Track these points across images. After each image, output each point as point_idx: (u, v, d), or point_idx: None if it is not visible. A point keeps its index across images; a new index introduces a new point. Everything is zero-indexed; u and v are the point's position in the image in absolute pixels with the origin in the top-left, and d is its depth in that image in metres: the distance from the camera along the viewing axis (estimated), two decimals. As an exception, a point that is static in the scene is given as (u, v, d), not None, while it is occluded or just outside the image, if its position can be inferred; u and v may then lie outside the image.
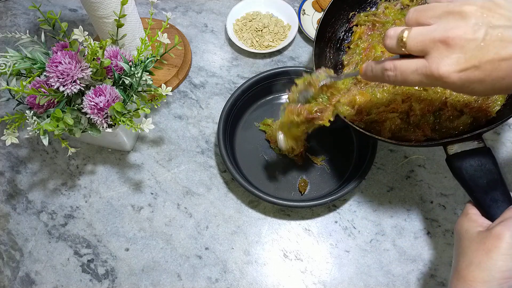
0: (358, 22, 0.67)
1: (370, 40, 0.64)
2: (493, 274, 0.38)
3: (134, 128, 0.55)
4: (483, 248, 0.40)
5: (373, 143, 0.62)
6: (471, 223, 0.44)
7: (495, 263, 0.39)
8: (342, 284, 0.59)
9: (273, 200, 0.59)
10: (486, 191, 0.46)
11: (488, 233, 0.40)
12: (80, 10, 0.88)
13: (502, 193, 0.45)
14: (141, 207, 0.66)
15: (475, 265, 0.40)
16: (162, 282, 0.60)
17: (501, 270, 0.38)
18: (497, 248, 0.39)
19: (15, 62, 0.55)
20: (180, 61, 0.77)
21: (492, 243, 0.39)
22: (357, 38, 0.65)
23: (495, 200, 0.45)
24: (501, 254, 0.38)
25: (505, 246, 0.39)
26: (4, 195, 0.67)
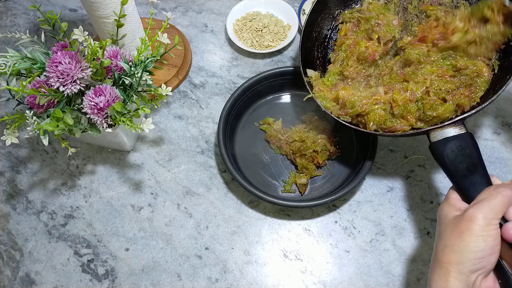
0: (343, 20, 0.67)
1: (355, 37, 0.64)
2: (466, 255, 0.39)
3: (134, 128, 0.55)
4: (457, 231, 0.41)
5: (373, 143, 0.62)
6: (450, 207, 0.45)
7: (467, 244, 0.39)
8: (342, 284, 0.59)
9: (273, 200, 0.59)
10: (465, 176, 0.47)
11: (462, 216, 0.41)
12: (80, 10, 0.88)
13: (481, 176, 0.46)
14: (141, 207, 0.66)
15: (449, 248, 0.41)
16: (162, 282, 0.60)
17: (473, 251, 0.39)
18: (469, 230, 0.39)
19: (15, 62, 0.55)
20: (180, 61, 0.77)
21: (464, 225, 0.40)
22: (343, 35, 0.66)
23: (474, 184, 0.46)
24: (473, 236, 0.39)
25: (477, 228, 0.39)
26: (4, 195, 0.67)
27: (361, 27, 0.64)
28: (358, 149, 0.67)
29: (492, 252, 0.39)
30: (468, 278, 0.39)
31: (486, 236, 0.39)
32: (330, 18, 0.68)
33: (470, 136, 0.49)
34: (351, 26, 0.66)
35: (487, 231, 0.39)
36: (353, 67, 0.63)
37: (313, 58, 0.67)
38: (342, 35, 0.66)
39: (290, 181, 0.65)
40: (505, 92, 0.74)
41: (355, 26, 0.65)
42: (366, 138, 0.64)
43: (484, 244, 0.39)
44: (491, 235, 0.39)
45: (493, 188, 0.42)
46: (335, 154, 0.66)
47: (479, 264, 0.39)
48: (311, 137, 0.65)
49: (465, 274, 0.39)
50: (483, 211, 0.40)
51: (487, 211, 0.40)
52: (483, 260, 0.39)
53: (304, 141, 0.65)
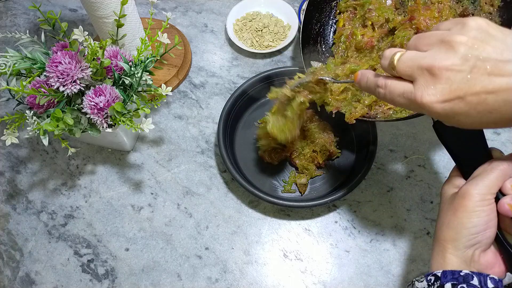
0: (339, 10, 0.67)
1: (351, 27, 0.64)
2: (460, 232, 0.39)
3: (134, 128, 0.55)
4: (451, 208, 0.41)
5: (373, 143, 0.62)
6: (449, 185, 0.45)
7: (461, 221, 0.39)
8: (342, 284, 0.59)
9: (273, 200, 0.59)
10: (465, 153, 0.46)
11: (457, 193, 0.41)
12: (80, 10, 0.88)
13: (480, 152, 0.45)
14: (141, 207, 0.66)
15: (445, 225, 0.41)
16: (162, 282, 0.60)
17: (467, 227, 0.39)
18: (462, 207, 0.39)
19: (15, 62, 0.55)
20: (180, 61, 0.77)
21: (458, 202, 0.40)
22: (341, 26, 0.66)
23: (473, 160, 0.45)
24: (467, 212, 0.39)
25: (471, 204, 0.39)
26: (4, 195, 0.67)
27: (357, 14, 0.64)
28: (358, 149, 0.67)
29: (487, 227, 0.39)
30: (464, 253, 0.40)
31: (479, 212, 0.39)
32: (328, 9, 0.68)
33: None
34: (348, 16, 0.65)
35: (480, 207, 0.39)
36: (353, 57, 0.63)
37: (317, 54, 0.67)
38: (340, 26, 0.66)
39: (290, 181, 0.65)
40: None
41: (352, 14, 0.65)
42: (366, 138, 0.64)
43: (478, 219, 0.39)
44: (484, 210, 0.39)
45: (488, 163, 0.42)
46: (335, 155, 0.66)
47: (474, 239, 0.39)
48: (310, 137, 0.65)
49: (461, 249, 0.39)
50: (477, 187, 0.40)
51: (481, 187, 0.39)
52: (478, 235, 0.39)
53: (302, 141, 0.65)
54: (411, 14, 0.58)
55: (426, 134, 0.70)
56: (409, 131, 0.71)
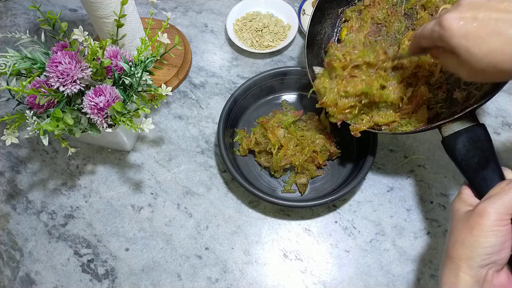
0: (345, 18, 0.67)
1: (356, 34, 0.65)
2: (476, 251, 0.39)
3: (134, 128, 0.55)
4: (467, 226, 0.41)
5: (373, 143, 0.62)
6: (462, 203, 0.44)
7: (477, 239, 0.39)
8: (342, 284, 0.59)
9: (273, 200, 0.59)
10: (476, 171, 0.46)
11: (473, 211, 0.41)
12: (80, 10, 0.88)
13: (493, 170, 0.45)
14: (141, 207, 0.66)
15: (459, 243, 0.41)
16: (162, 282, 0.60)
17: (483, 246, 0.39)
18: (479, 226, 0.39)
19: (15, 62, 0.55)
20: (180, 61, 0.77)
21: (475, 220, 0.40)
22: (344, 35, 0.66)
23: (485, 179, 0.45)
24: (483, 231, 0.39)
25: (488, 223, 0.39)
26: (4, 195, 0.67)
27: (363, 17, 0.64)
28: (358, 149, 0.67)
29: (503, 247, 0.39)
30: (478, 273, 0.39)
31: (497, 232, 0.39)
32: (334, 16, 0.68)
33: (482, 128, 0.48)
34: (352, 25, 0.65)
35: (498, 227, 0.39)
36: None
37: (321, 60, 0.66)
38: (343, 35, 0.66)
39: (290, 181, 0.65)
40: (505, 92, 0.74)
41: (359, 14, 0.65)
42: (366, 138, 0.64)
43: (495, 239, 0.39)
44: (501, 230, 0.39)
45: (505, 183, 0.42)
46: (335, 155, 0.66)
47: (489, 259, 0.39)
48: (310, 137, 0.65)
49: (475, 269, 0.39)
50: (494, 206, 0.39)
51: (499, 206, 0.39)
52: (493, 255, 0.39)
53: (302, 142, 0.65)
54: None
55: (426, 134, 0.70)
56: (409, 131, 0.71)
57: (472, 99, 0.53)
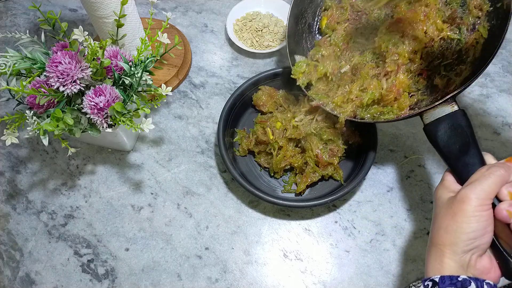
0: (325, 7, 0.68)
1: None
2: (459, 236, 0.39)
3: (134, 128, 0.55)
4: (450, 213, 0.41)
5: (373, 143, 0.62)
6: (444, 189, 0.45)
7: (460, 225, 0.39)
8: (342, 284, 0.59)
9: (273, 200, 0.59)
10: (458, 157, 0.46)
11: (455, 197, 0.41)
12: (80, 10, 0.88)
13: (474, 156, 0.45)
14: (141, 207, 0.66)
15: (443, 229, 0.41)
16: (162, 282, 0.60)
17: (466, 232, 0.39)
18: (461, 211, 0.40)
19: (15, 62, 0.55)
20: (180, 61, 0.77)
21: (457, 206, 0.40)
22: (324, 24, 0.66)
23: (466, 165, 0.45)
24: (466, 217, 0.39)
25: (470, 208, 0.39)
26: (4, 195, 0.67)
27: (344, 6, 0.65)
28: (358, 149, 0.67)
29: (485, 232, 0.39)
30: (461, 258, 0.40)
31: (478, 217, 0.39)
32: (314, 6, 0.68)
33: (463, 114, 0.48)
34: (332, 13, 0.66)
35: (479, 212, 0.39)
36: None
37: (302, 50, 0.67)
38: (323, 24, 0.67)
39: (290, 181, 0.65)
40: (505, 92, 0.74)
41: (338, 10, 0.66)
42: (366, 138, 0.64)
43: (477, 224, 0.39)
44: (483, 215, 0.39)
45: (485, 168, 0.42)
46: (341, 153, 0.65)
47: (472, 244, 0.39)
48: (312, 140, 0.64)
49: (459, 254, 0.40)
50: (475, 191, 0.40)
51: (480, 192, 0.40)
52: (476, 240, 0.39)
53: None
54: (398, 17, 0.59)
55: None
56: (409, 131, 0.71)
57: (452, 86, 0.54)
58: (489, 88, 0.75)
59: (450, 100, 0.49)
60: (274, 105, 0.69)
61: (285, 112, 0.67)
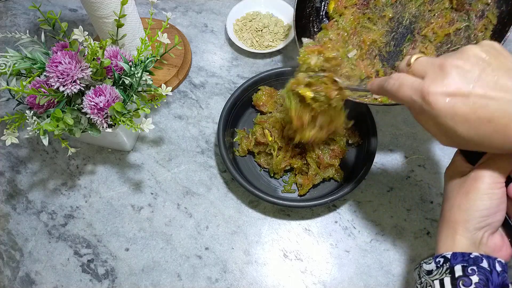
0: None
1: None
2: (472, 214, 0.40)
3: (134, 128, 0.55)
4: (463, 191, 0.41)
5: (373, 143, 0.62)
6: (455, 170, 0.45)
7: (473, 203, 0.40)
8: (342, 284, 0.59)
9: (273, 200, 0.59)
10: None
11: (468, 176, 0.42)
12: (80, 10, 0.88)
13: None
14: (141, 207, 0.66)
15: (456, 207, 0.41)
16: (162, 282, 0.60)
17: (479, 209, 0.40)
18: (475, 189, 0.40)
19: (15, 62, 0.55)
20: (180, 61, 0.77)
21: (470, 184, 0.41)
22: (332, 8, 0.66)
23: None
24: (479, 194, 0.40)
25: (483, 186, 0.40)
26: (4, 195, 0.67)
27: None
28: (358, 149, 0.67)
29: (498, 210, 0.40)
30: (474, 235, 0.40)
31: (491, 194, 0.39)
32: None
33: None
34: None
35: (492, 189, 0.40)
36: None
37: (310, 34, 0.67)
38: (331, 8, 0.66)
39: (290, 181, 0.65)
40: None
41: None
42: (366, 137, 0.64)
43: (490, 202, 0.39)
44: (496, 193, 0.40)
45: None
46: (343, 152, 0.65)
47: (485, 222, 0.40)
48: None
49: (471, 231, 0.40)
50: (488, 170, 0.40)
51: (493, 170, 0.40)
52: (489, 218, 0.40)
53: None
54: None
55: (426, 134, 0.70)
56: (409, 131, 0.71)
57: None
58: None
59: None
60: (274, 105, 0.69)
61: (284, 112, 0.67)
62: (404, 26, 0.62)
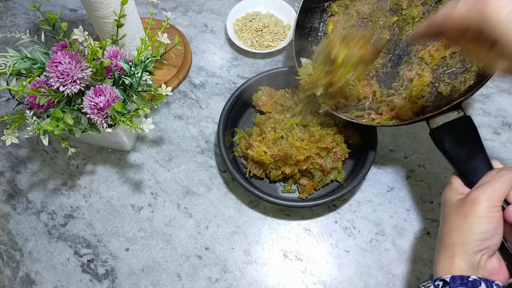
0: (331, 13, 0.68)
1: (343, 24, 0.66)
2: (470, 237, 0.40)
3: (134, 128, 0.55)
4: (461, 214, 0.41)
5: (373, 143, 0.62)
6: (453, 192, 0.46)
7: (471, 226, 0.40)
8: (342, 284, 0.59)
9: (273, 200, 0.59)
10: (466, 161, 0.47)
11: (465, 199, 0.42)
12: (80, 10, 0.88)
13: (481, 160, 0.47)
14: (141, 207, 0.66)
15: (454, 230, 0.42)
16: (162, 282, 0.60)
17: (477, 232, 0.40)
18: (473, 212, 0.40)
19: (15, 62, 0.55)
20: (180, 61, 0.77)
21: (468, 207, 0.41)
22: (331, 29, 0.67)
23: (474, 168, 0.46)
24: (477, 218, 0.40)
25: (481, 209, 0.40)
26: (4, 195, 0.67)
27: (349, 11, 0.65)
28: (358, 149, 0.67)
29: (495, 233, 0.40)
30: (472, 258, 0.40)
31: (489, 218, 0.40)
32: (320, 11, 0.69)
33: (469, 120, 0.50)
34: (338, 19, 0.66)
35: (490, 213, 0.40)
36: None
37: (308, 53, 0.68)
38: (329, 30, 0.67)
39: (290, 181, 0.65)
40: (505, 92, 0.74)
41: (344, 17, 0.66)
42: (366, 138, 0.64)
43: (488, 225, 0.40)
44: (494, 216, 0.40)
45: (495, 171, 0.43)
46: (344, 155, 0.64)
47: (483, 245, 0.40)
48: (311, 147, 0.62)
49: (469, 254, 0.40)
50: (486, 193, 0.40)
51: (490, 194, 0.40)
52: (487, 241, 0.40)
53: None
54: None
55: (426, 134, 0.70)
56: (409, 131, 0.71)
57: (456, 93, 0.55)
58: (489, 88, 0.75)
59: (456, 106, 0.50)
60: (274, 105, 0.69)
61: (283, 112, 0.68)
62: (401, 48, 0.63)
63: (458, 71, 0.57)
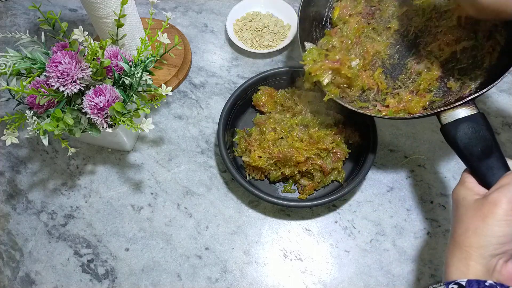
0: None
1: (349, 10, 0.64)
2: (489, 240, 0.39)
3: (134, 128, 0.55)
4: (480, 215, 0.40)
5: (373, 143, 0.62)
6: (468, 191, 0.44)
7: (491, 228, 0.39)
8: (342, 284, 0.59)
9: (273, 200, 0.59)
10: (481, 159, 0.45)
11: (485, 200, 0.41)
12: (80, 10, 0.88)
13: (497, 160, 0.45)
14: (141, 207, 0.66)
15: (471, 231, 0.40)
16: (162, 282, 0.60)
17: (497, 235, 0.39)
18: (493, 214, 0.39)
19: (15, 62, 0.55)
20: (180, 61, 0.77)
21: (488, 209, 0.40)
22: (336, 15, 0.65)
23: (490, 168, 0.45)
24: (497, 220, 0.39)
25: (501, 212, 0.39)
26: (4, 195, 0.67)
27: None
28: (358, 149, 0.67)
29: None
30: (489, 262, 0.39)
31: (510, 221, 0.39)
32: None
33: (483, 117, 0.47)
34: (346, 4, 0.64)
35: (511, 216, 0.39)
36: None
37: (312, 39, 0.65)
38: (335, 15, 0.65)
39: (290, 181, 0.65)
40: (505, 92, 0.74)
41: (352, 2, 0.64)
42: (366, 137, 0.64)
43: (508, 229, 0.39)
44: None
45: None
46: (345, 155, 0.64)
47: (501, 249, 0.39)
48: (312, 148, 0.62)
49: (486, 258, 0.39)
50: (507, 195, 0.39)
51: (510, 196, 0.39)
52: (505, 245, 0.39)
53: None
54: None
55: (426, 134, 0.70)
56: (409, 131, 0.71)
57: (467, 89, 0.53)
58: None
59: (470, 103, 0.48)
60: (274, 105, 0.69)
61: (283, 112, 0.67)
62: (409, 40, 0.61)
63: (469, 67, 0.55)
